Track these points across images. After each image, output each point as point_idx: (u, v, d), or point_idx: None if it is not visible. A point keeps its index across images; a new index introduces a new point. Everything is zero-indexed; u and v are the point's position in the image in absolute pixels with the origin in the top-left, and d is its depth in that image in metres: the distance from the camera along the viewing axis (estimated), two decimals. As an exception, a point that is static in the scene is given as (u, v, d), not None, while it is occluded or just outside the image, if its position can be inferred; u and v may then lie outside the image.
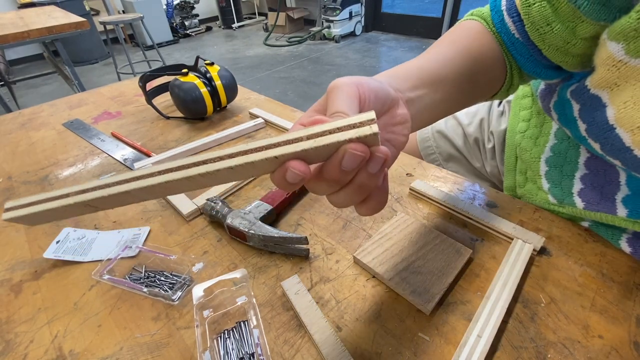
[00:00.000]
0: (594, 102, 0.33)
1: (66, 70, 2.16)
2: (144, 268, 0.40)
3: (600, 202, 0.39)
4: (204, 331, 0.33)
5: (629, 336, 0.31)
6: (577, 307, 0.34)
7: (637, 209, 0.36)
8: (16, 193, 0.55)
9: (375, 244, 0.41)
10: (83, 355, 0.32)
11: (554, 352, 0.30)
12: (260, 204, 0.46)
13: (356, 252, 0.40)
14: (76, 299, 0.38)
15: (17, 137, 0.72)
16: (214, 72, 0.70)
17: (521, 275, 0.36)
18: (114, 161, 0.62)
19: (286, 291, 0.36)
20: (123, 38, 3.83)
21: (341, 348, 0.31)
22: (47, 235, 0.46)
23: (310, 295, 0.35)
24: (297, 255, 0.41)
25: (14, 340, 0.34)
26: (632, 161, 0.31)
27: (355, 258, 0.40)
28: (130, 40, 4.76)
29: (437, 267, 0.37)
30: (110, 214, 0.49)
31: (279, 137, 0.19)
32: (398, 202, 0.48)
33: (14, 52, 3.97)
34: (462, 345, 0.30)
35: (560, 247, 0.40)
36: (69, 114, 0.80)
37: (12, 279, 0.41)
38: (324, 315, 0.33)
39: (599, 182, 0.40)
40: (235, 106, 0.79)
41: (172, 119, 0.75)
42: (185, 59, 4.00)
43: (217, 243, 0.44)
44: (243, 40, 4.67)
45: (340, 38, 4.21)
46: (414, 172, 0.54)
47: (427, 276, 0.37)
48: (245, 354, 0.31)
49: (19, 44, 1.62)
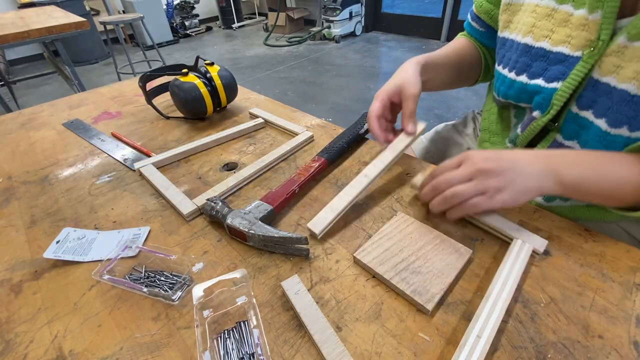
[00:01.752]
0: (500, 43, 0.54)
1: (66, 70, 2.16)
2: (144, 268, 0.40)
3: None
4: (204, 331, 0.33)
5: (629, 336, 0.31)
6: (577, 307, 0.34)
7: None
8: (16, 193, 0.55)
9: (375, 244, 0.41)
10: (83, 355, 0.32)
11: (554, 352, 0.30)
12: (260, 204, 0.46)
13: (356, 252, 0.40)
14: (76, 299, 0.38)
15: (17, 137, 0.72)
16: (214, 72, 0.70)
17: (521, 276, 0.36)
18: (113, 161, 0.62)
19: (286, 291, 0.36)
20: (123, 38, 3.83)
21: (341, 348, 0.31)
22: (47, 235, 0.46)
23: (310, 295, 0.35)
24: (297, 255, 0.41)
25: (14, 340, 0.34)
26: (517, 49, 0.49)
27: (355, 258, 0.40)
28: (130, 40, 4.76)
29: (437, 267, 0.37)
30: (110, 214, 0.49)
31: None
32: (398, 202, 0.48)
33: (14, 52, 3.97)
34: (462, 345, 0.30)
35: (560, 247, 0.40)
36: (69, 114, 0.80)
37: (12, 279, 0.41)
38: (324, 315, 0.33)
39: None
40: (235, 106, 0.79)
41: (172, 119, 0.75)
42: (185, 59, 4.00)
43: (217, 243, 0.44)
44: (243, 40, 4.67)
45: (340, 38, 4.20)
46: (414, 172, 0.54)
47: (427, 276, 0.37)
48: (245, 354, 0.31)
49: (19, 44, 1.62)
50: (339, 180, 0.54)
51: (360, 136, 0.62)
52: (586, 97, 0.42)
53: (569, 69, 0.42)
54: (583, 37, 0.41)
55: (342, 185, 0.52)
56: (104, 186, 0.55)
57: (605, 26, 0.38)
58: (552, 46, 0.44)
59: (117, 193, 0.54)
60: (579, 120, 0.44)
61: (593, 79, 0.41)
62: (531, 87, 0.47)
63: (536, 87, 0.46)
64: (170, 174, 0.57)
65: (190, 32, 4.99)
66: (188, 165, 0.60)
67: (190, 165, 0.60)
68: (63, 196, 0.54)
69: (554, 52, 0.43)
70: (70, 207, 0.51)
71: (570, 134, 0.46)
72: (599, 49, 0.39)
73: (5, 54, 3.36)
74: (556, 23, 0.43)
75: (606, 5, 0.37)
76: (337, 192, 0.48)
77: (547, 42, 0.44)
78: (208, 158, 0.62)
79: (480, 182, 0.39)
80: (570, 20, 0.42)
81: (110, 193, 0.54)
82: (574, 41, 0.42)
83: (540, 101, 0.46)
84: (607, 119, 0.41)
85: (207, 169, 0.59)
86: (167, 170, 0.59)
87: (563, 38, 0.42)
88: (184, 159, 0.62)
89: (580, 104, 0.43)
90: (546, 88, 0.45)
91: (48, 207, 0.52)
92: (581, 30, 0.41)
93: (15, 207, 0.52)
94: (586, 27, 0.40)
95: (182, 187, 0.54)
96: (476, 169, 0.39)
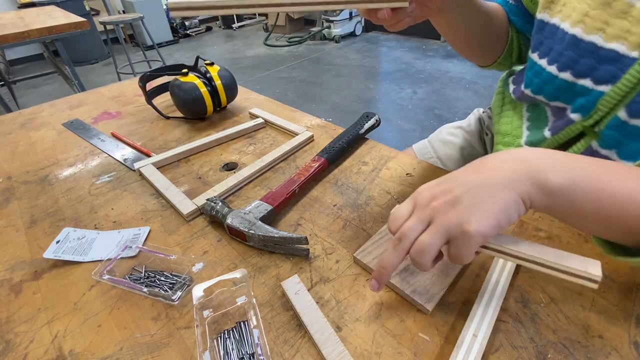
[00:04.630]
0: (538, 25, 0.47)
1: (66, 70, 2.16)
2: (144, 268, 0.40)
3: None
4: (204, 331, 0.33)
5: (629, 336, 0.31)
6: (577, 307, 0.34)
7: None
8: (16, 193, 0.55)
9: (375, 244, 0.41)
10: (83, 355, 0.32)
11: (554, 352, 0.30)
12: (260, 204, 0.46)
13: (356, 252, 0.40)
14: (76, 299, 0.38)
15: (17, 137, 0.72)
16: (214, 72, 0.70)
17: (513, 273, 0.36)
18: (114, 161, 0.62)
19: (286, 291, 0.36)
20: (123, 38, 3.84)
21: (341, 348, 0.31)
22: (47, 235, 0.46)
23: (310, 295, 0.35)
24: (297, 255, 0.41)
25: (14, 340, 0.34)
26: (566, 41, 0.41)
27: (355, 258, 0.40)
28: (130, 40, 4.76)
29: (437, 267, 0.37)
30: (110, 214, 0.49)
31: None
32: (398, 202, 0.48)
33: (14, 52, 3.97)
34: (459, 345, 0.30)
35: (560, 247, 0.40)
36: (69, 114, 0.80)
37: (12, 279, 0.41)
38: (324, 315, 0.33)
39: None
40: (235, 106, 0.79)
41: (172, 119, 0.75)
42: (185, 59, 4.00)
43: (217, 243, 0.44)
44: (243, 40, 4.67)
45: (340, 38, 4.21)
46: (414, 172, 0.54)
47: (427, 276, 0.37)
48: (245, 354, 0.31)
49: (19, 44, 1.62)
50: (339, 180, 0.54)
51: (360, 136, 0.62)
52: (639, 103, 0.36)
53: (622, 70, 0.36)
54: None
55: (342, 185, 0.52)
56: (104, 186, 0.55)
57: None
58: (604, 42, 0.37)
59: (117, 193, 0.54)
60: (627, 128, 0.38)
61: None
62: (578, 88, 0.40)
63: (583, 88, 0.40)
64: (170, 174, 0.57)
65: (190, 32, 4.99)
66: (188, 165, 0.60)
67: (190, 165, 0.60)
68: (63, 196, 0.54)
69: (606, 49, 0.37)
70: (70, 207, 0.51)
71: (611, 142, 0.40)
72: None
73: (5, 54, 3.36)
74: (613, 14, 0.36)
75: None
76: (337, 192, 0.48)
77: (600, 36, 0.37)
78: (208, 158, 0.62)
79: (437, 225, 0.29)
80: (630, 13, 0.35)
81: (110, 193, 0.54)
82: (632, 38, 0.35)
83: (584, 104, 0.40)
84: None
85: (207, 169, 0.59)
86: (167, 170, 0.59)
87: (619, 33, 0.36)
88: (184, 159, 0.62)
89: (631, 111, 0.37)
90: (593, 90, 0.39)
91: (48, 207, 0.52)
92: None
93: (15, 207, 0.52)
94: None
95: (182, 187, 0.54)
96: (429, 207, 0.30)
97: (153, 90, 0.78)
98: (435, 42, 3.93)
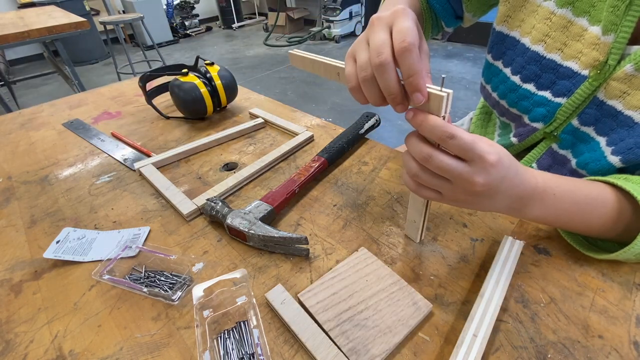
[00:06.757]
0: (498, 37, 0.50)
1: (66, 70, 2.16)
2: (144, 268, 0.40)
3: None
4: (204, 331, 0.33)
5: (629, 336, 0.31)
6: (577, 307, 0.34)
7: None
8: (16, 193, 0.55)
9: (324, 285, 0.37)
10: (83, 355, 0.32)
11: (554, 352, 0.30)
12: (260, 204, 0.46)
13: (301, 293, 0.36)
14: (76, 299, 0.38)
15: (17, 137, 0.72)
16: (214, 72, 0.70)
17: (513, 273, 0.36)
18: (114, 161, 0.62)
19: (271, 302, 0.34)
20: (123, 38, 3.83)
21: (335, 351, 0.30)
22: (47, 235, 0.46)
23: (297, 303, 0.35)
24: (297, 255, 0.41)
25: (14, 340, 0.34)
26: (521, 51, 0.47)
27: (299, 299, 0.35)
28: (130, 40, 4.76)
29: (386, 322, 0.33)
30: (110, 214, 0.49)
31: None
32: (398, 202, 0.48)
33: (14, 52, 3.97)
34: (459, 345, 0.30)
35: (560, 247, 0.40)
36: (69, 114, 0.80)
37: (12, 279, 0.41)
38: (313, 321, 0.33)
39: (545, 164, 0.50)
40: (235, 106, 0.79)
41: (172, 119, 0.75)
42: (185, 59, 4.00)
43: (217, 243, 0.44)
44: (243, 40, 4.67)
45: (340, 38, 4.20)
46: (414, 172, 0.54)
47: (372, 332, 0.32)
48: (245, 354, 0.31)
49: (19, 44, 1.62)
50: (339, 180, 0.54)
51: (360, 136, 0.62)
52: (589, 114, 0.42)
53: (575, 86, 0.42)
54: (592, 57, 0.40)
55: (342, 185, 0.52)
56: (104, 186, 0.55)
57: (614, 51, 0.37)
58: (562, 60, 0.43)
59: (117, 193, 0.54)
60: (579, 134, 0.44)
61: (598, 99, 0.40)
62: (538, 98, 0.45)
63: (543, 99, 0.45)
64: (170, 174, 0.57)
65: (190, 32, 4.99)
66: (188, 165, 0.60)
67: (190, 165, 0.60)
68: (63, 196, 0.54)
69: (564, 67, 0.42)
70: (70, 207, 0.51)
71: (567, 144, 0.46)
72: (605, 73, 0.38)
73: (5, 54, 3.36)
74: (570, 36, 0.42)
75: (620, 30, 0.36)
76: (337, 192, 0.48)
77: (559, 55, 0.43)
78: (208, 158, 0.62)
79: (466, 191, 0.31)
80: (583, 36, 0.40)
81: (110, 193, 0.54)
82: (584, 58, 0.41)
83: (545, 113, 0.45)
84: (609, 138, 0.40)
85: (207, 169, 0.59)
86: (167, 170, 0.59)
87: (574, 53, 0.41)
88: (184, 159, 0.62)
89: (582, 120, 0.43)
90: (552, 102, 0.44)
91: (48, 207, 0.52)
92: (592, 49, 0.40)
93: (15, 207, 0.52)
94: (597, 47, 0.39)
95: (182, 187, 0.54)
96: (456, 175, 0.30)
97: (153, 90, 0.78)
98: (436, 42, 3.93)
